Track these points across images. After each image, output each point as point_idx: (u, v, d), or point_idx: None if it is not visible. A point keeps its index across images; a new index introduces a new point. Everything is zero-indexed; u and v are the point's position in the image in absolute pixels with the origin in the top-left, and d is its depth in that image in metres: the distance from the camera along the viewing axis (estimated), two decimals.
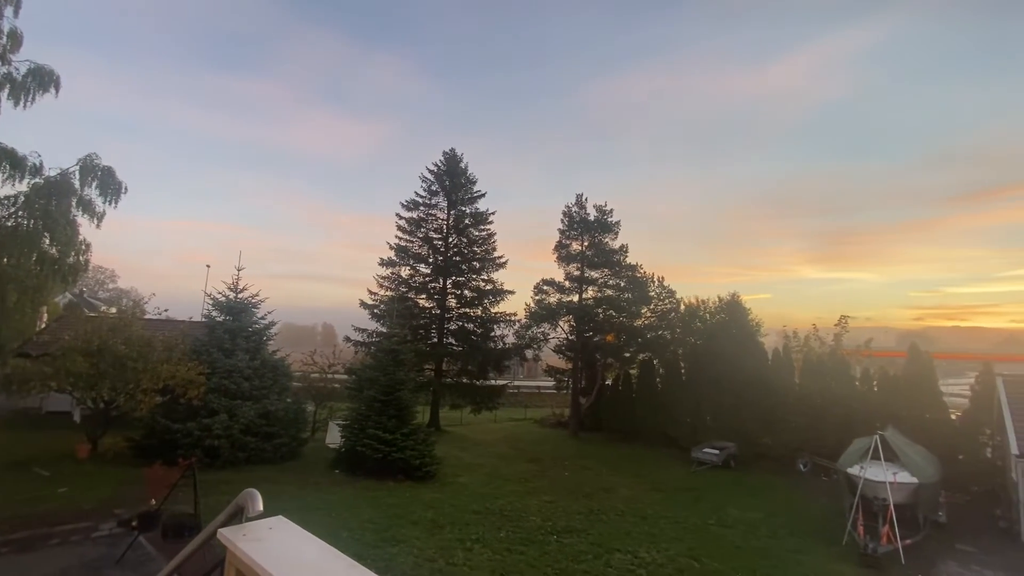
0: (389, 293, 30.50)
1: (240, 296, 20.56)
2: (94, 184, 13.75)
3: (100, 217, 14.08)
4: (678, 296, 32.46)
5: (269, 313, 21.29)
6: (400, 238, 31.42)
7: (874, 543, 12.86)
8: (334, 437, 21.39)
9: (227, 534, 2.07)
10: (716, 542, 13.66)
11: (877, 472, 14.23)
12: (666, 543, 13.24)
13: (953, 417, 21.80)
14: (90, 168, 13.69)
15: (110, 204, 14.06)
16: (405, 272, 31.39)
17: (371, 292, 30.60)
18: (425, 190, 31.79)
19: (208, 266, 25.93)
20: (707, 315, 31.08)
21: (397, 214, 31.60)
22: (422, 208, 31.75)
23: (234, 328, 19.71)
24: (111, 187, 13.93)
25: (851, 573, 12.09)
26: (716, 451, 23.27)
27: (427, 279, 31.49)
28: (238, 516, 2.24)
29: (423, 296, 31.51)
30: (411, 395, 19.99)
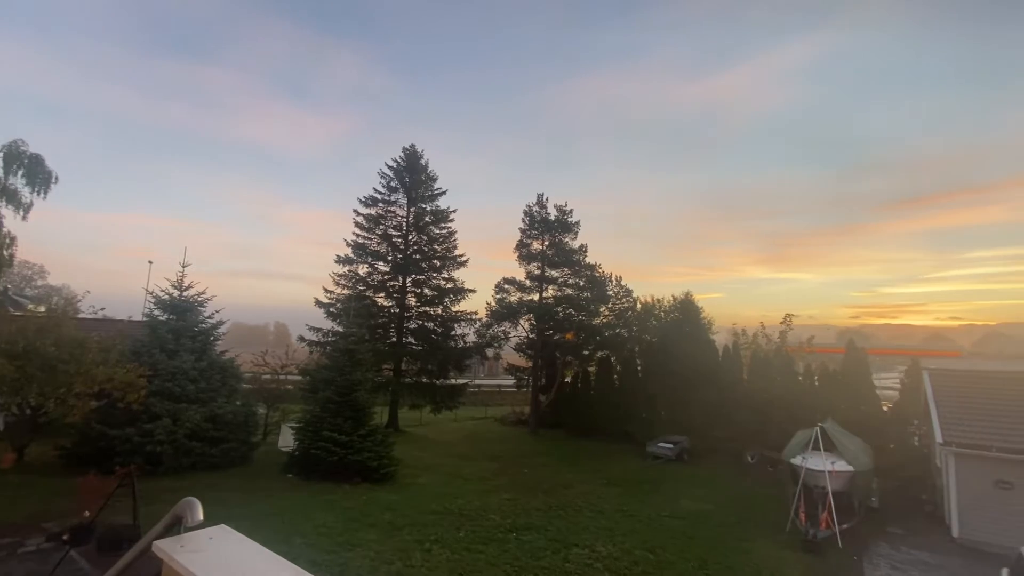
0: (346, 291, 29.78)
1: (185, 294, 19.56)
2: (20, 173, 12.76)
3: (27, 208, 13.09)
4: (635, 295, 33.40)
5: (217, 312, 20.38)
6: (358, 235, 30.73)
7: (814, 529, 13.61)
8: (287, 440, 20.70)
9: (163, 546, 1.96)
10: (670, 534, 14.09)
11: (817, 462, 15.05)
12: (622, 536, 13.54)
13: (885, 409, 23.36)
14: (15, 155, 12.70)
15: (39, 195, 13.11)
16: (363, 270, 30.73)
17: (327, 290, 29.81)
18: (384, 186, 31.21)
19: (150, 262, 24.50)
20: (662, 314, 32.07)
21: (355, 210, 30.91)
22: (381, 205, 31.15)
23: (178, 328, 18.73)
24: (39, 176, 12.97)
25: (793, 559, 12.73)
26: (670, 445, 24.01)
27: (386, 277, 30.93)
28: (176, 526, 2.12)
29: (382, 295, 30.94)
30: (368, 396, 19.61)
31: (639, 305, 33.27)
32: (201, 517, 2.09)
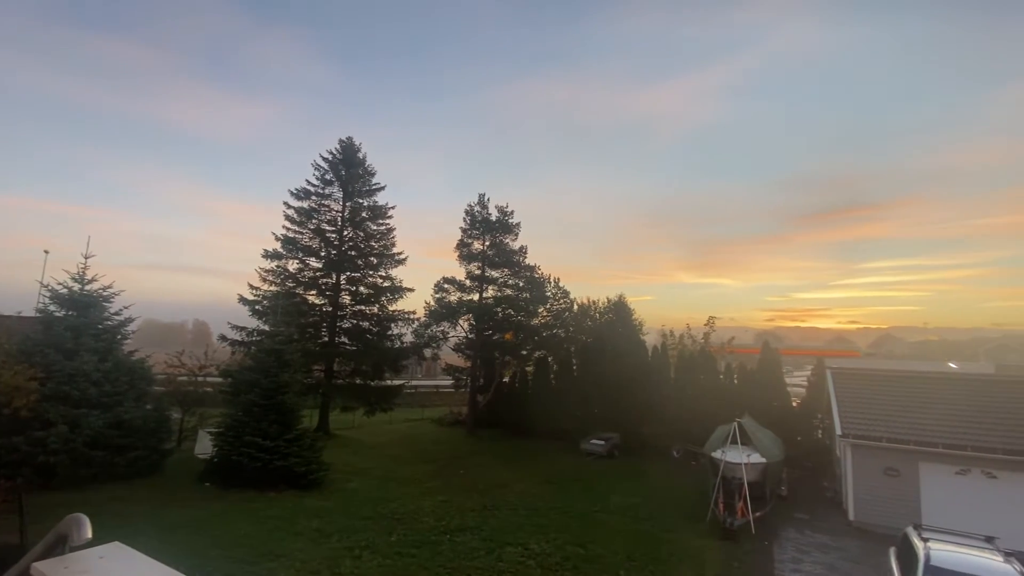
0: (274, 288, 28.23)
1: (88, 288, 17.77)
2: None
3: None
4: (572, 296, 34.16)
5: (126, 308, 18.71)
6: (288, 229, 29.23)
7: (731, 518, 14.54)
8: (204, 447, 19.34)
9: (44, 569, 1.75)
10: (600, 528, 14.53)
11: (735, 455, 16.10)
12: (555, 533, 13.81)
13: (794, 404, 25.40)
14: None
15: None
16: (293, 266, 29.27)
17: (252, 287, 28.10)
18: (318, 178, 29.90)
19: (46, 252, 21.94)
20: (597, 315, 33.06)
21: (285, 203, 29.39)
22: (314, 198, 29.82)
23: (79, 325, 16.96)
24: None
25: (712, 546, 13.54)
26: (602, 442, 24.79)
27: (318, 274, 29.64)
28: (60, 546, 1.91)
29: (313, 292, 29.61)
30: (297, 398, 18.73)
31: (576, 306, 34.12)
32: (89, 535, 1.89)
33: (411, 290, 30.69)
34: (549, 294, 33.31)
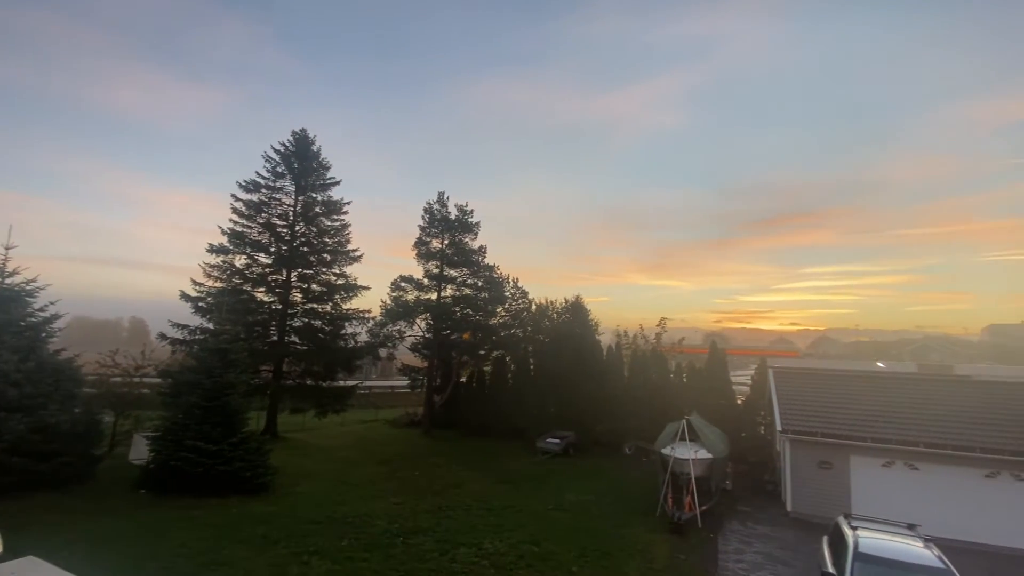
0: (219, 284, 26.93)
1: (9, 281, 16.37)
2: None
3: None
4: (531, 297, 34.40)
5: (53, 303, 17.31)
6: (236, 222, 27.94)
7: (680, 512, 15.06)
8: (140, 452, 18.26)
9: None
10: (554, 526, 14.70)
11: (683, 451, 16.67)
12: (509, 531, 13.85)
13: (739, 402, 26.58)
14: None
15: None
16: (241, 261, 28.00)
17: (196, 283, 26.69)
18: (270, 171, 28.74)
19: None
20: (555, 315, 33.44)
21: (233, 195, 28.06)
22: (264, 190, 28.63)
23: None
24: None
25: (661, 540, 13.97)
26: (557, 440, 25.10)
27: (268, 270, 28.49)
28: None
29: (262, 289, 28.42)
30: (242, 400, 17.93)
31: (534, 307, 34.38)
32: (0, 549, 1.74)
33: (366, 288, 30.05)
34: (508, 294, 33.42)
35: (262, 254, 28.46)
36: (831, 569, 9.29)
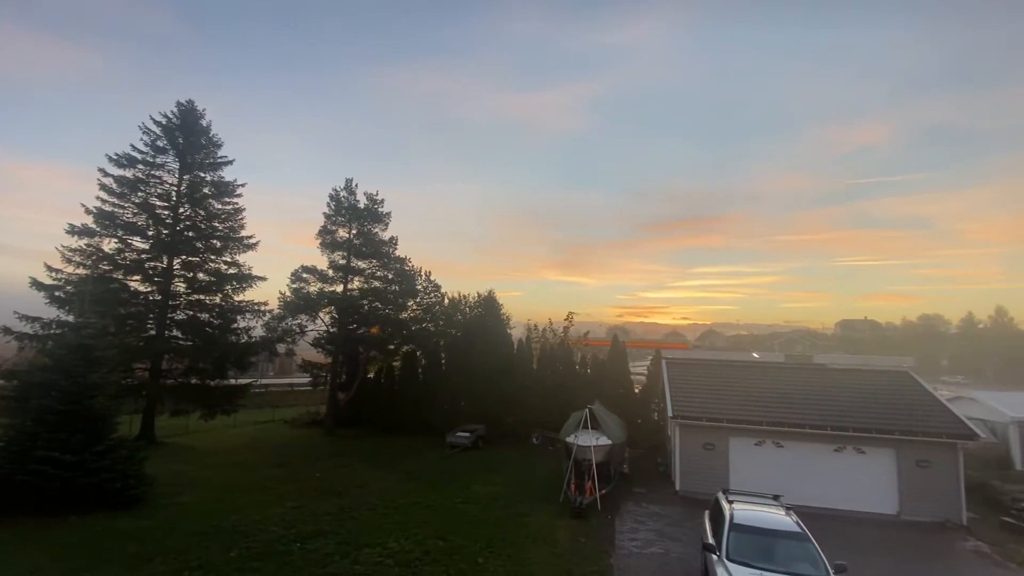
0: (82, 271, 23.52)
1: None
2: None
3: None
4: (443, 290, 33.96)
5: None
6: (105, 201, 24.53)
7: (581, 497, 15.81)
8: None
9: None
10: (461, 519, 14.73)
11: (586, 439, 17.50)
12: (416, 528, 13.65)
13: (637, 391, 28.44)
14: None
15: None
16: (110, 245, 24.65)
17: (51, 268, 23.04)
18: (148, 144, 25.53)
19: None
20: (467, 309, 33.39)
21: (102, 169, 24.58)
22: (142, 166, 25.40)
23: None
24: None
25: (564, 524, 14.57)
26: (467, 434, 25.16)
27: (144, 256, 25.36)
28: None
29: (137, 277, 25.25)
30: (110, 402, 15.88)
31: (447, 300, 34.01)
32: None
33: (262, 279, 27.85)
34: (420, 287, 32.71)
35: (137, 238, 25.28)
36: (711, 540, 10.26)
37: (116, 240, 24.75)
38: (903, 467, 16.52)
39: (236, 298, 27.37)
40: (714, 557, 9.54)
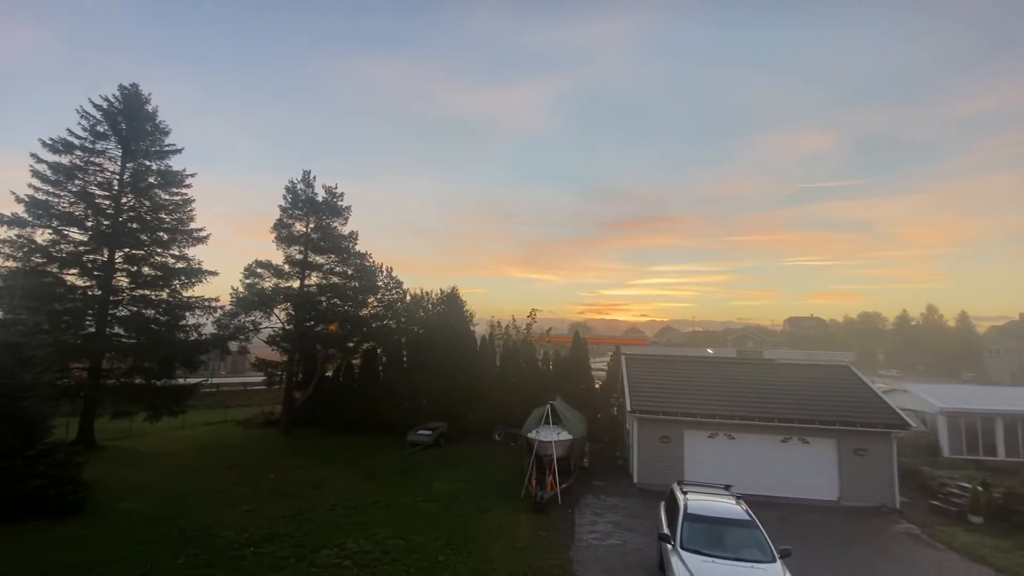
0: (12, 264, 21.89)
1: None
2: None
3: None
4: (405, 287, 33.45)
5: None
6: (38, 189, 22.86)
7: (542, 492, 15.99)
8: None
9: None
10: (421, 517, 14.64)
11: (547, 434, 17.72)
12: (375, 528, 13.47)
13: (597, 386, 28.96)
14: None
15: None
16: (44, 236, 23.02)
17: None
18: (88, 129, 23.94)
19: None
20: (430, 306, 33.03)
21: (35, 155, 22.88)
22: (80, 152, 23.81)
23: None
24: None
25: (525, 519, 14.71)
26: (428, 432, 24.96)
27: (83, 249, 23.80)
28: None
29: (74, 271, 23.68)
30: (44, 404, 14.89)
31: (409, 297, 33.53)
32: None
33: (214, 273, 26.63)
34: (381, 284, 32.09)
35: (75, 229, 23.70)
36: (666, 530, 10.61)
37: (50, 231, 23.13)
38: (843, 456, 17.56)
39: (185, 294, 26.07)
40: (669, 546, 9.87)
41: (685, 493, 11.53)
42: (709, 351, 28.04)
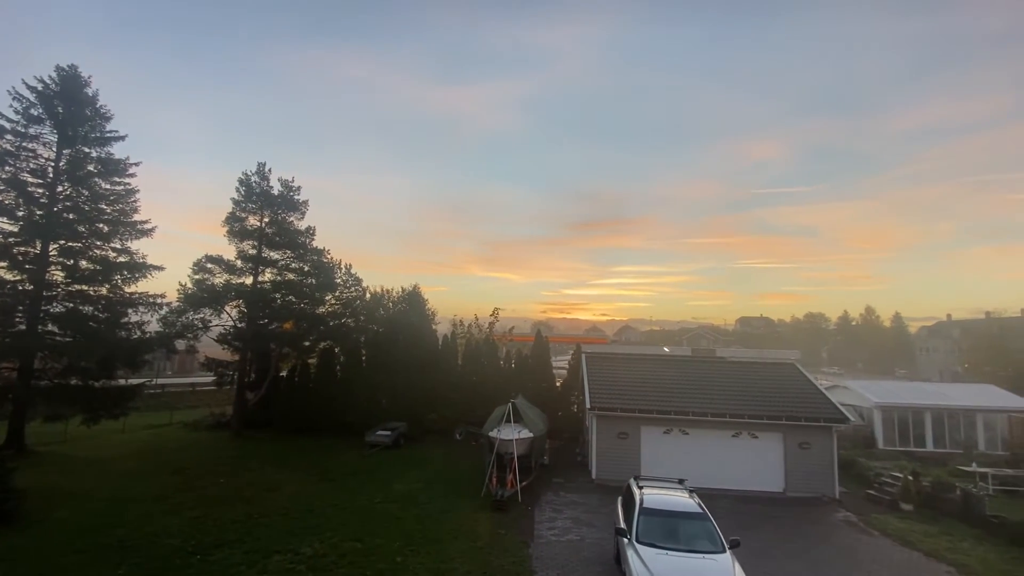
0: None
1: None
2: None
3: None
4: (365, 284, 32.79)
5: None
6: None
7: (502, 490, 16.06)
8: None
9: None
10: (379, 519, 14.42)
11: (508, 432, 17.79)
12: (331, 531, 13.17)
13: (558, 384, 29.31)
14: None
15: None
16: None
17: None
18: (20, 112, 22.25)
19: None
20: (391, 304, 32.54)
21: None
22: (11, 137, 22.12)
23: None
24: None
25: (485, 518, 14.73)
26: (388, 432, 24.57)
27: (12, 240, 22.13)
28: None
29: (3, 264, 22.00)
30: None
31: (368, 295, 32.90)
32: None
33: (159, 268, 25.29)
34: (339, 280, 31.33)
35: (4, 219, 22.02)
36: (623, 524, 10.87)
37: None
38: (789, 449, 18.47)
39: (127, 289, 24.59)
40: (625, 540, 10.12)
41: (641, 488, 11.84)
42: (665, 349, 28.90)
